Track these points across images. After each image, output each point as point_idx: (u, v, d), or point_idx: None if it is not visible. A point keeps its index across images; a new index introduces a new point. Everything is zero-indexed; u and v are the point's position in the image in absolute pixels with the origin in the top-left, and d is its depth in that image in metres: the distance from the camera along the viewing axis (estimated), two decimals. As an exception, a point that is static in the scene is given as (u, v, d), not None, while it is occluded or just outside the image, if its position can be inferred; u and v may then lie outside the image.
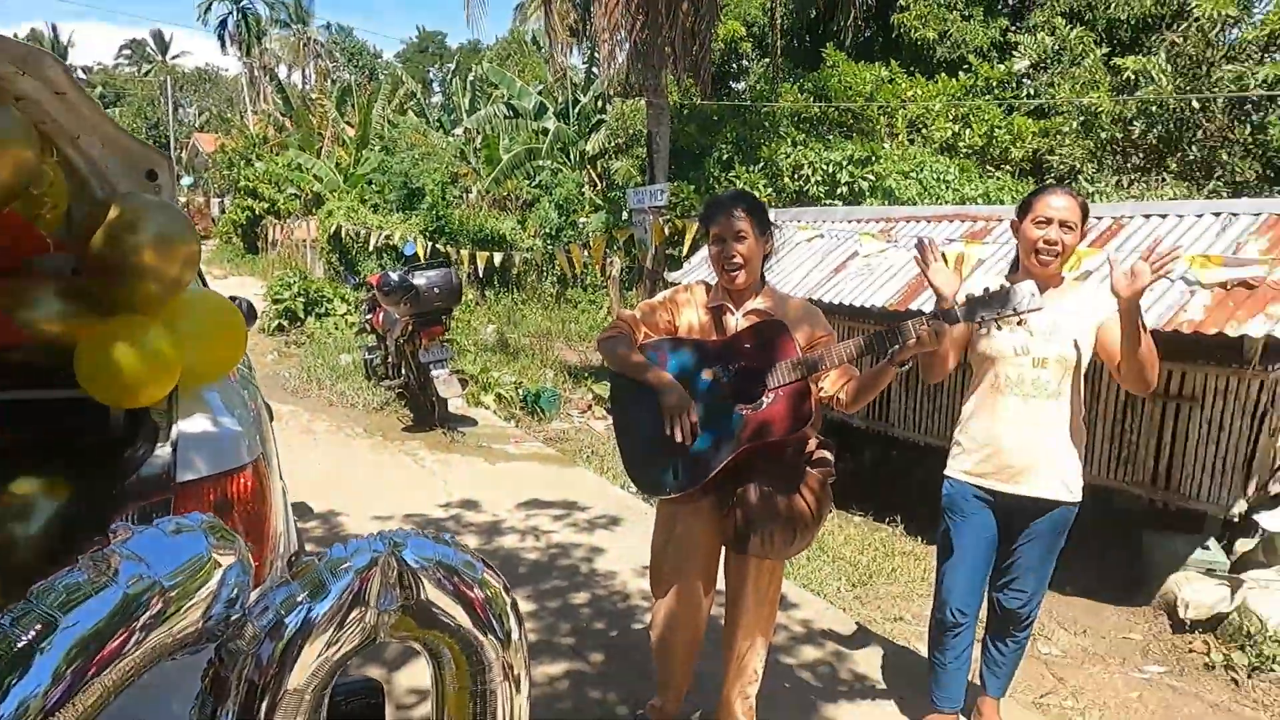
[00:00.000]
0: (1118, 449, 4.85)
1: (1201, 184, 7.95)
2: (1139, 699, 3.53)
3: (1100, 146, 8.68)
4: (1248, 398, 4.33)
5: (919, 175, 8.59)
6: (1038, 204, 2.48)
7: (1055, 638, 4.14)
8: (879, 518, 5.64)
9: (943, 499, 2.67)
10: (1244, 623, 3.89)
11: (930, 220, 6.05)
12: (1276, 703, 3.56)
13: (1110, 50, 11.63)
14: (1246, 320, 3.73)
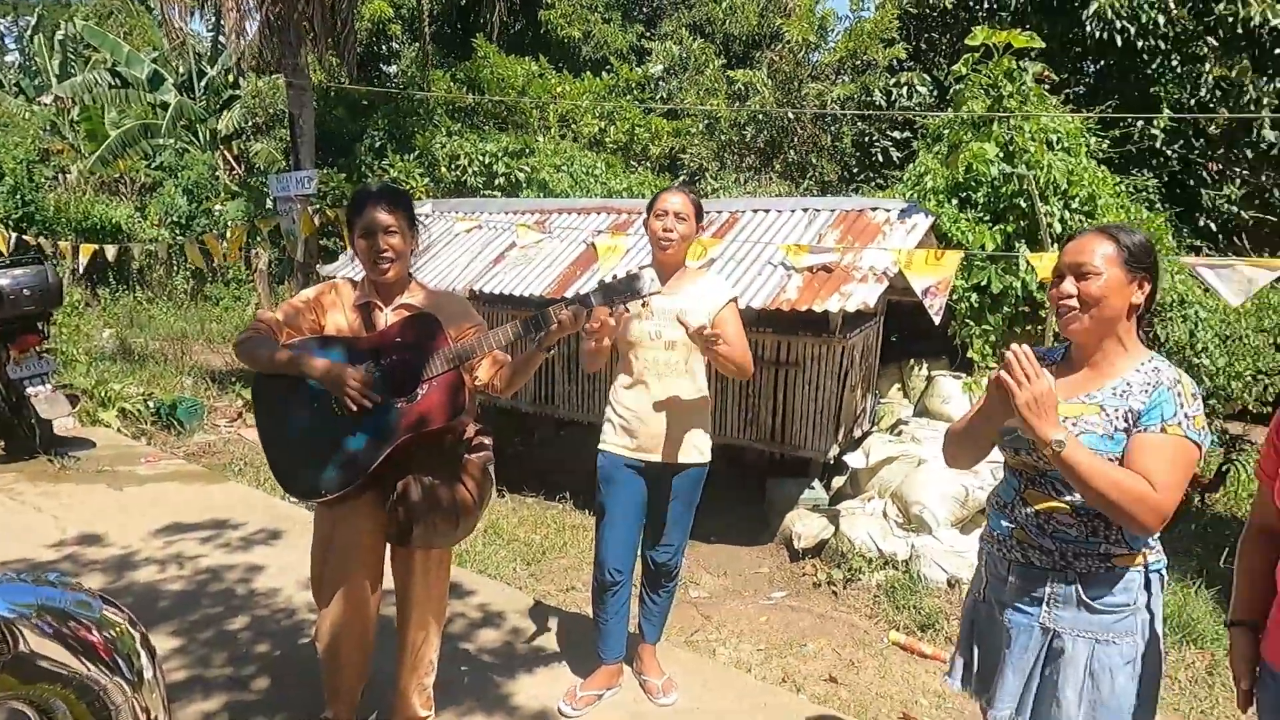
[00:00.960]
0: (744, 411, 5.61)
1: (799, 182, 9.45)
2: (766, 621, 4.17)
3: (721, 148, 9.90)
4: (834, 361, 5.27)
5: (570, 169, 9.09)
6: (658, 202, 2.81)
7: (702, 582, 4.71)
8: (550, 496, 5.92)
9: (598, 471, 2.91)
10: (839, 545, 4.76)
11: (581, 213, 6.43)
12: (864, 605, 4.42)
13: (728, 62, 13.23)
14: (828, 298, 4.54)
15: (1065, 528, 1.80)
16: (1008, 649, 1.88)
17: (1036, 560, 1.83)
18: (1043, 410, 1.66)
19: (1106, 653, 1.77)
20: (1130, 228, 1.85)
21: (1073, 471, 1.65)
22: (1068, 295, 1.78)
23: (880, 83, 9.05)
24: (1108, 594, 1.77)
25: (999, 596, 1.92)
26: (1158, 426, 1.69)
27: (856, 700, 3.30)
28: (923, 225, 5.02)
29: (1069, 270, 1.79)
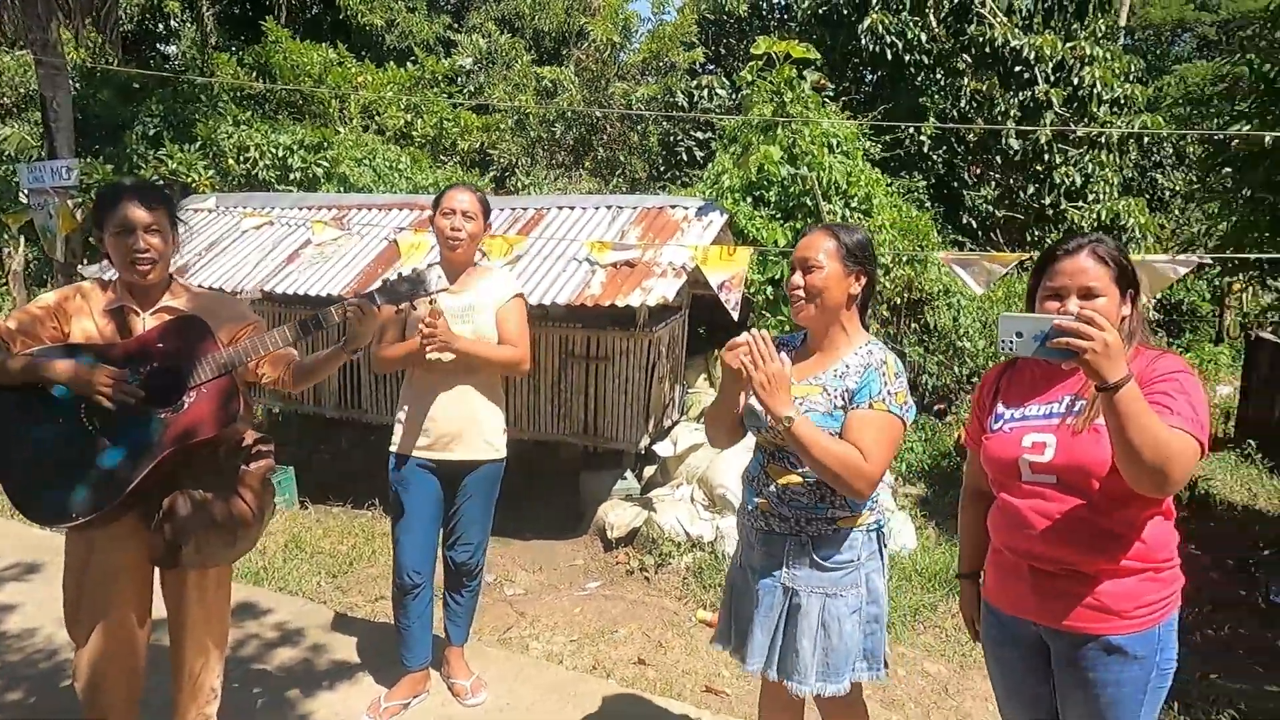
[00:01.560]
0: (557, 407, 5.66)
1: (609, 180, 9.63)
2: (580, 612, 4.24)
3: (532, 144, 9.90)
4: (642, 354, 5.43)
5: (373, 163, 8.72)
6: (445, 199, 2.78)
7: (518, 579, 4.70)
8: (359, 504, 5.68)
9: (390, 473, 2.84)
10: (650, 532, 4.92)
11: (383, 208, 6.21)
12: (674, 588, 4.59)
13: (538, 58, 13.22)
14: (630, 293, 4.67)
15: (799, 496, 2.02)
16: (756, 608, 2.08)
17: (777, 527, 2.04)
18: (775, 389, 1.86)
19: (835, 605, 2.01)
20: (851, 226, 2.11)
21: (800, 444, 1.86)
22: (796, 286, 2.00)
23: (682, 85, 9.41)
24: (835, 553, 2.01)
25: (750, 563, 2.12)
26: (867, 403, 1.93)
27: (663, 679, 3.44)
28: (718, 222, 5.28)
29: (798, 264, 2.01)
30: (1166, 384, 1.65)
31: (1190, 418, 1.59)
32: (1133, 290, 1.76)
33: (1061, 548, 1.73)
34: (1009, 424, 1.82)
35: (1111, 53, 9.81)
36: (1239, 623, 4.55)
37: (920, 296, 7.14)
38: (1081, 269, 1.70)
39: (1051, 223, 10.36)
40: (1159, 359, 1.72)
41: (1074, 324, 1.50)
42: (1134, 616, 1.71)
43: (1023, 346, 1.57)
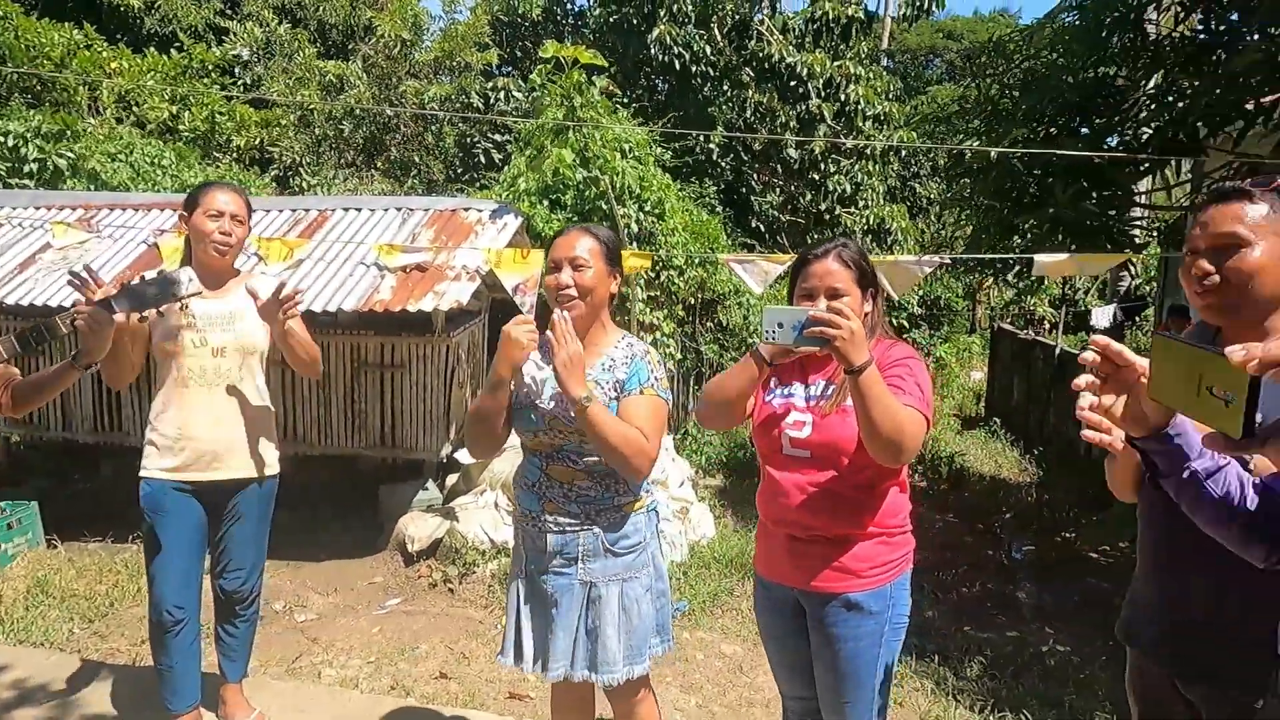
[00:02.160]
0: (351, 419, 5.38)
1: (403, 180, 9.29)
2: (379, 631, 4.06)
3: (318, 142, 9.34)
4: (440, 360, 5.28)
5: (130, 158, 7.85)
6: (206, 200, 2.55)
7: (310, 604, 4.42)
8: (122, 538, 5.10)
9: (142, 500, 2.57)
10: (453, 542, 4.80)
11: (140, 209, 5.61)
12: (480, 597, 4.51)
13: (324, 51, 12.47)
14: (421, 298, 4.53)
15: (586, 491, 2.09)
16: (555, 611, 2.11)
17: (568, 525, 2.09)
18: (574, 370, 1.93)
19: (632, 588, 2.11)
20: (601, 227, 2.21)
21: (595, 425, 1.93)
22: (566, 285, 2.04)
23: (476, 86, 9.27)
24: (625, 538, 2.11)
25: (540, 567, 2.14)
26: (638, 390, 2.06)
27: (466, 691, 3.36)
28: (513, 225, 5.25)
29: (565, 263, 2.05)
30: (899, 369, 1.90)
31: (919, 397, 1.85)
32: (873, 289, 2.00)
33: (813, 516, 1.93)
34: (778, 398, 2.01)
35: (874, 73, 10.81)
36: (987, 580, 5.15)
37: (713, 296, 7.50)
38: (828, 271, 1.93)
39: (829, 226, 11.24)
40: (893, 347, 1.97)
41: (826, 315, 1.71)
42: (869, 576, 1.94)
43: (783, 336, 1.76)
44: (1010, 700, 3.52)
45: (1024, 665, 3.92)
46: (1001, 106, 5.42)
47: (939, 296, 14.26)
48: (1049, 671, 3.85)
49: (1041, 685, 3.70)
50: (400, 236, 5.10)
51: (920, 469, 7.64)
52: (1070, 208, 4.47)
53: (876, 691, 1.97)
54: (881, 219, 10.80)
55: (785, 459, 1.97)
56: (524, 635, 2.16)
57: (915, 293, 12.13)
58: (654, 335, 6.66)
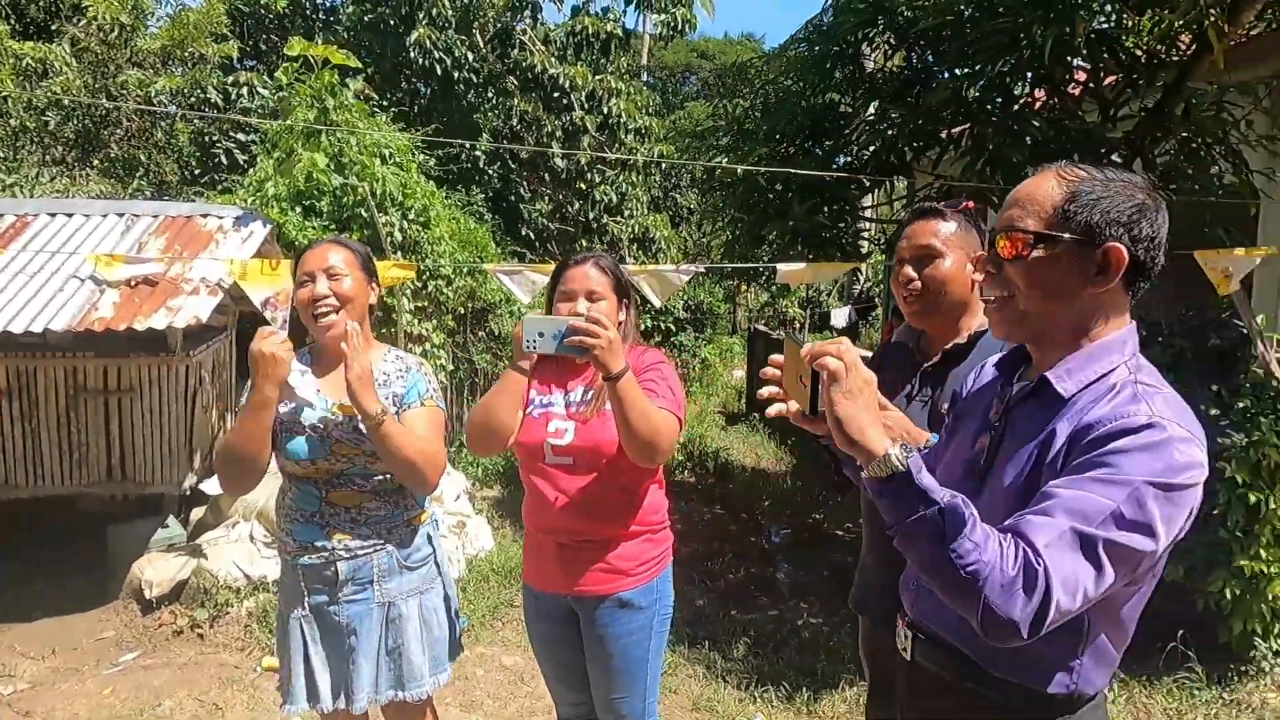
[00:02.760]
0: (69, 452, 4.73)
1: (127, 181, 8.25)
2: (112, 693, 3.59)
3: (15, 135, 8.06)
4: (179, 382, 4.77)
5: None
6: None
7: (21, 672, 3.82)
8: None
9: None
10: (201, 583, 4.35)
11: None
12: (235, 640, 4.13)
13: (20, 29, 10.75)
14: (151, 314, 4.07)
15: (375, 511, 2.03)
16: (354, 639, 2.02)
17: (359, 549, 2.01)
18: (367, 385, 1.87)
19: (429, 599, 2.10)
20: (352, 240, 2.16)
21: (391, 441, 1.88)
22: (324, 296, 1.96)
23: (214, 80, 8.46)
24: (416, 551, 2.09)
25: (330, 598, 2.03)
26: (418, 401, 2.04)
27: (219, 745, 3.07)
28: (260, 233, 4.86)
29: (321, 273, 1.97)
30: (652, 373, 2.01)
31: (671, 399, 1.97)
32: (627, 299, 2.10)
33: (580, 521, 1.99)
34: (538, 409, 2.04)
35: (634, 88, 11.24)
36: (751, 564, 5.54)
37: (484, 305, 7.42)
38: (587, 276, 2.03)
39: (597, 235, 11.52)
40: (645, 353, 2.09)
41: (584, 324, 1.77)
42: (637, 573, 2.03)
43: (544, 345, 1.81)
44: (772, 674, 3.82)
45: (783, 640, 4.26)
46: (746, 126, 5.87)
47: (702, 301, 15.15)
48: (804, 643, 4.22)
49: (798, 657, 4.05)
50: (123, 246, 4.54)
51: (689, 465, 8.06)
52: (806, 220, 4.93)
53: (648, 684, 2.06)
54: (646, 228, 11.26)
55: (548, 468, 2.01)
56: (317, 674, 2.04)
57: (680, 298, 12.78)
58: (423, 346, 6.46)
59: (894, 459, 1.11)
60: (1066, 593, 1.05)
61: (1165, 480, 1.07)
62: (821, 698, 3.61)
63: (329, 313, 1.96)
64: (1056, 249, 1.18)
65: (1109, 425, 1.10)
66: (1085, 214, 1.17)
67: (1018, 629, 1.04)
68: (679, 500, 6.96)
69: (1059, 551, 1.05)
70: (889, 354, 2.11)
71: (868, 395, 1.17)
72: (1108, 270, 1.17)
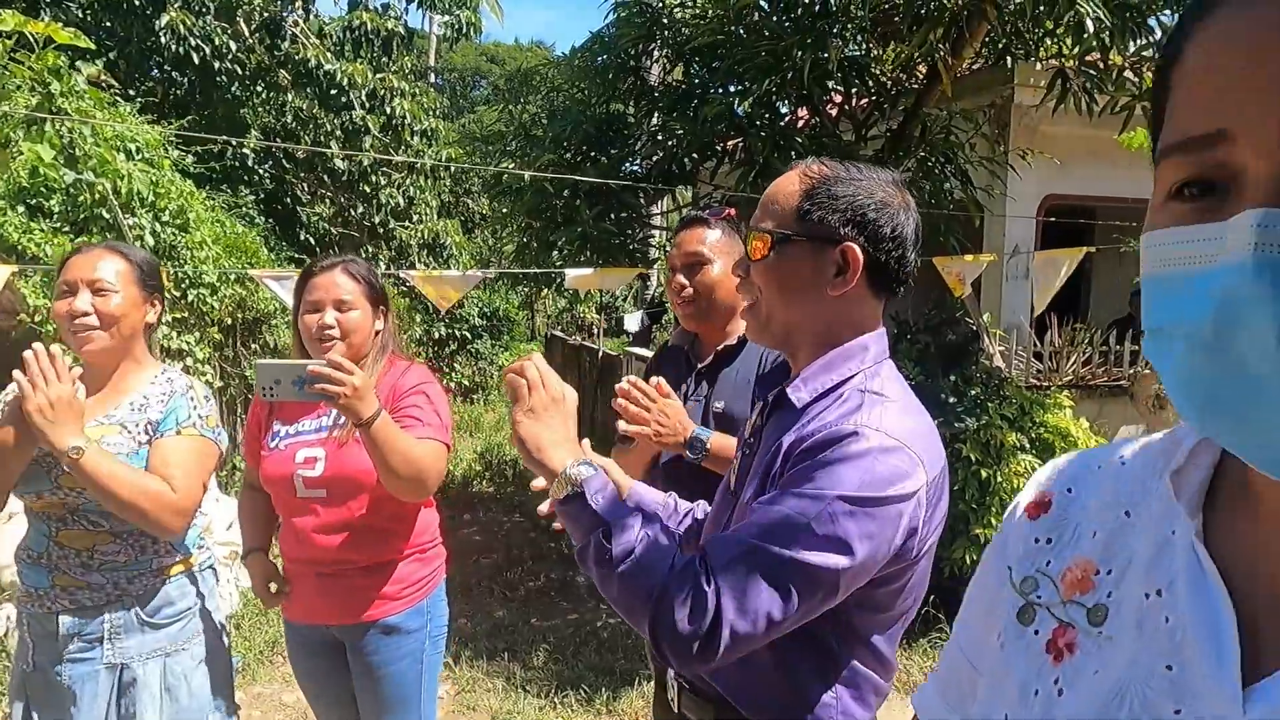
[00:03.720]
0: None
1: None
2: None
3: None
4: None
5: None
6: None
7: None
8: None
9: None
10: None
11: None
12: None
13: None
14: None
15: (112, 556, 1.76)
16: (74, 708, 1.74)
17: (88, 600, 1.75)
18: (60, 415, 1.57)
19: (179, 662, 1.81)
20: (132, 247, 1.91)
21: (94, 480, 1.60)
22: (84, 312, 1.71)
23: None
24: (167, 605, 1.81)
25: (51, 657, 1.76)
26: (174, 430, 1.78)
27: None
28: (-30, 236, 4.17)
29: (84, 285, 1.73)
30: (415, 396, 1.90)
31: (438, 425, 1.88)
32: (384, 306, 1.99)
33: (342, 552, 1.87)
34: (284, 440, 1.90)
35: (420, 89, 10.88)
36: (550, 570, 5.53)
37: (257, 315, 6.85)
38: (336, 283, 1.89)
39: (384, 240, 11.04)
40: (408, 371, 1.97)
41: (326, 370, 1.62)
42: (405, 596, 1.94)
43: (284, 392, 1.66)
44: (571, 678, 3.83)
45: (582, 643, 4.29)
46: (534, 133, 5.87)
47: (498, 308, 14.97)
48: (603, 644, 4.27)
49: (597, 657, 4.09)
50: None
51: (488, 475, 7.92)
52: (593, 227, 5.01)
53: (424, 708, 1.99)
54: (436, 233, 10.94)
55: (301, 502, 1.87)
56: None
57: (476, 305, 12.55)
58: (184, 362, 5.86)
59: (569, 474, 1.06)
60: (742, 616, 0.97)
61: (861, 494, 0.99)
62: (620, 696, 3.67)
63: (85, 331, 1.71)
64: (792, 249, 1.13)
65: (818, 436, 1.04)
66: (821, 212, 1.12)
67: (690, 651, 0.98)
68: (477, 510, 6.82)
69: (736, 573, 0.98)
70: (666, 356, 2.19)
71: (552, 412, 1.12)
72: (846, 271, 1.12)
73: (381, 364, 1.96)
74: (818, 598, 1.01)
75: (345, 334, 1.87)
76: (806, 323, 1.16)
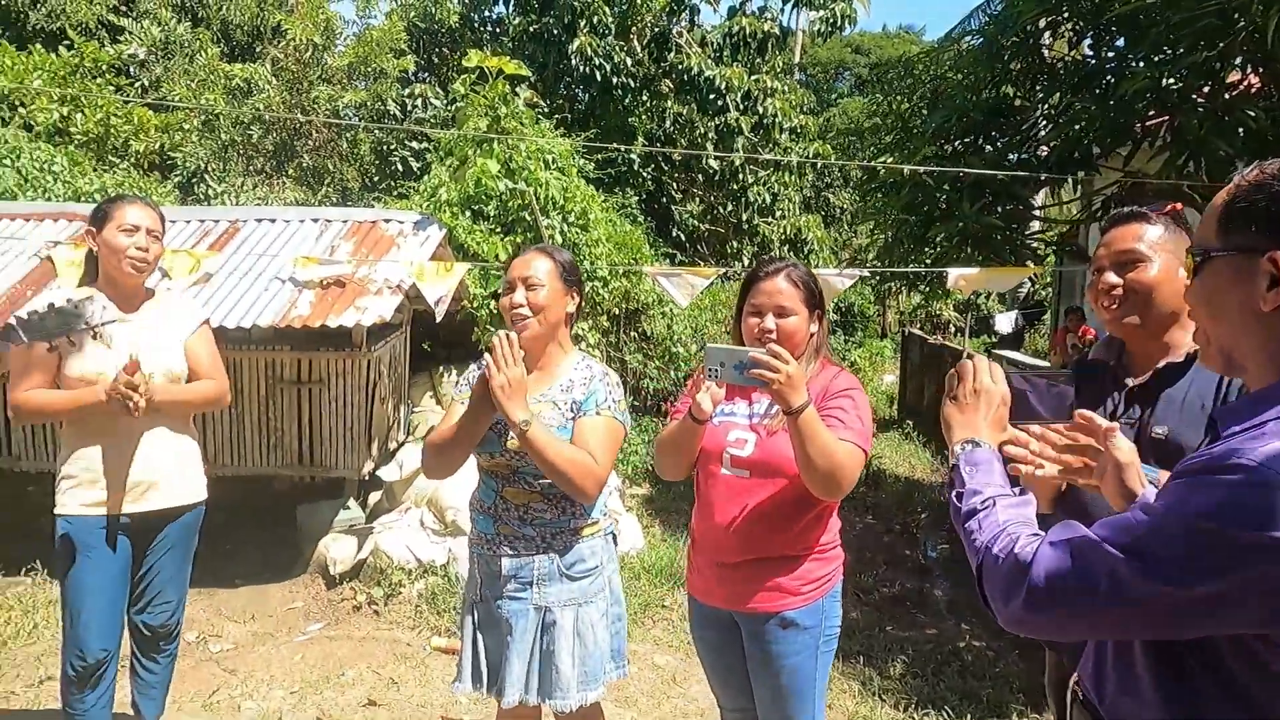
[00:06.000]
0: (266, 437, 5.19)
1: (316, 188, 9.01)
2: (301, 659, 3.91)
3: (224, 147, 8.97)
4: (361, 375, 5.15)
5: (16, 163, 7.36)
6: (118, 213, 2.43)
7: (226, 633, 4.23)
8: (12, 570, 4.77)
9: (60, 539, 2.42)
10: (377, 563, 4.67)
11: (30, 219, 5.27)
12: (406, 618, 4.40)
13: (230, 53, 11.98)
14: (342, 312, 4.41)
15: (541, 513, 2.07)
16: (510, 636, 2.07)
17: (522, 549, 2.07)
18: (515, 393, 1.90)
19: (587, 613, 2.09)
20: (560, 247, 2.22)
21: (536, 448, 1.91)
22: (519, 305, 2.04)
23: (393, 93, 9.08)
24: (580, 562, 2.09)
25: (494, 591, 2.11)
26: (594, 410, 2.05)
27: (395, 718, 3.28)
28: (436, 237, 5.17)
29: (520, 282, 2.05)
30: (842, 399, 1.95)
31: (858, 430, 1.90)
32: (819, 310, 2.04)
33: (749, 536, 1.95)
34: (719, 418, 2.02)
35: (789, 86, 11.09)
36: (905, 579, 5.33)
37: (637, 306, 7.54)
38: (778, 290, 1.97)
39: (748, 236, 11.45)
40: (837, 376, 2.02)
41: (765, 358, 1.76)
42: (804, 592, 1.97)
43: (726, 375, 1.82)
44: (932, 697, 3.65)
45: (943, 662, 4.07)
46: (911, 124, 5.64)
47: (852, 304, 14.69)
48: (966, 667, 4.01)
49: (960, 680, 3.85)
50: (318, 249, 4.95)
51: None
52: (976, 221, 4.69)
53: (816, 704, 2.02)
54: (798, 229, 11.07)
55: (723, 479, 1.99)
56: (480, 660, 2.13)
57: (831, 301, 12.49)
58: (578, 346, 6.65)
59: (955, 450, 1.26)
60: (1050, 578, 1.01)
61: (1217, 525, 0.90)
62: (988, 726, 3.42)
63: (523, 320, 2.03)
64: (1216, 266, 1.04)
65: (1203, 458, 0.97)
66: (1242, 220, 1.01)
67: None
68: (830, 508, 6.80)
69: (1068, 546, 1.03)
70: (1084, 374, 1.96)
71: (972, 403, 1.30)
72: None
73: (815, 365, 2.01)
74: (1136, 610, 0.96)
75: (783, 338, 1.95)
76: (1243, 345, 1.04)
